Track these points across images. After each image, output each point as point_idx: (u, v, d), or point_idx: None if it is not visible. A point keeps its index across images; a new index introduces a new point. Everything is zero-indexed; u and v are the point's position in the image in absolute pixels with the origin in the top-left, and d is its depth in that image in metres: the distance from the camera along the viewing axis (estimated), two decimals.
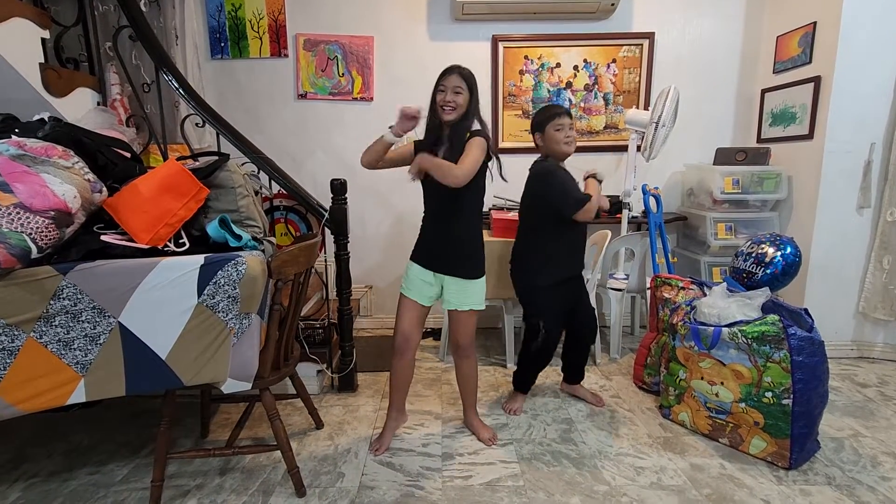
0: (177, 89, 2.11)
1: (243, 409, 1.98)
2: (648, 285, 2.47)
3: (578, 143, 3.12)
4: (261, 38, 3.04)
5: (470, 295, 1.81)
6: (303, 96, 3.10)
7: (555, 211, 1.94)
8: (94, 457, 1.85)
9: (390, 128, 1.71)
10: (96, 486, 1.68)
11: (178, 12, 2.70)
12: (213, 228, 1.47)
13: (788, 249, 2.08)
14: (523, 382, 2.20)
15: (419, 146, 1.80)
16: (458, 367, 1.93)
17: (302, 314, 2.32)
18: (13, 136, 1.41)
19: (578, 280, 2.14)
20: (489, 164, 1.74)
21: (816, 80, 2.56)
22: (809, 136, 2.62)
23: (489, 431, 1.95)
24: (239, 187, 1.62)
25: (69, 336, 1.32)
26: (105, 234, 1.44)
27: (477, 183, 1.70)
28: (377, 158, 1.78)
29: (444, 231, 1.78)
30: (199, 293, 1.36)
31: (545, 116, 2.00)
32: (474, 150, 1.65)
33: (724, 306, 1.90)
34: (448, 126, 1.72)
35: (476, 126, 1.74)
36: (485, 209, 2.93)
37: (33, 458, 1.85)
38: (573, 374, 2.28)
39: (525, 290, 2.11)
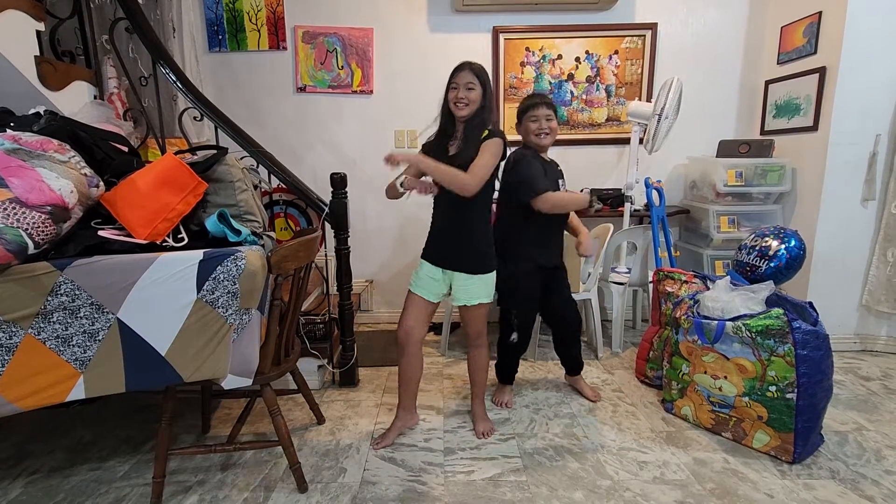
0: (174, 83, 2.08)
1: (244, 404, 1.98)
2: (651, 279, 2.45)
3: (581, 136, 3.15)
4: (259, 31, 3.00)
5: (479, 289, 1.79)
6: (302, 89, 3.08)
7: (518, 198, 1.93)
8: (95, 453, 1.85)
9: (401, 185, 1.65)
10: (98, 482, 1.68)
11: (174, 4, 2.68)
12: (211, 223, 1.46)
13: (792, 242, 2.06)
14: (504, 374, 2.22)
15: (430, 146, 1.78)
16: (470, 356, 1.95)
17: (302, 309, 2.31)
18: (8, 130, 1.39)
19: (554, 273, 2.08)
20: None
21: (821, 71, 2.53)
22: (814, 127, 2.60)
23: (485, 426, 1.94)
24: (238, 181, 1.60)
25: (67, 332, 1.31)
26: (103, 229, 1.42)
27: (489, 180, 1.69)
28: (395, 197, 1.76)
29: (453, 227, 1.76)
30: (199, 288, 1.35)
31: (523, 106, 2.02)
32: (487, 156, 1.63)
33: (727, 300, 1.88)
34: (462, 122, 1.72)
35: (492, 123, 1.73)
36: None
37: (35, 455, 1.84)
38: (567, 367, 2.28)
39: (499, 278, 2.07)
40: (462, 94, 1.66)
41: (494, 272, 1.82)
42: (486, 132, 1.69)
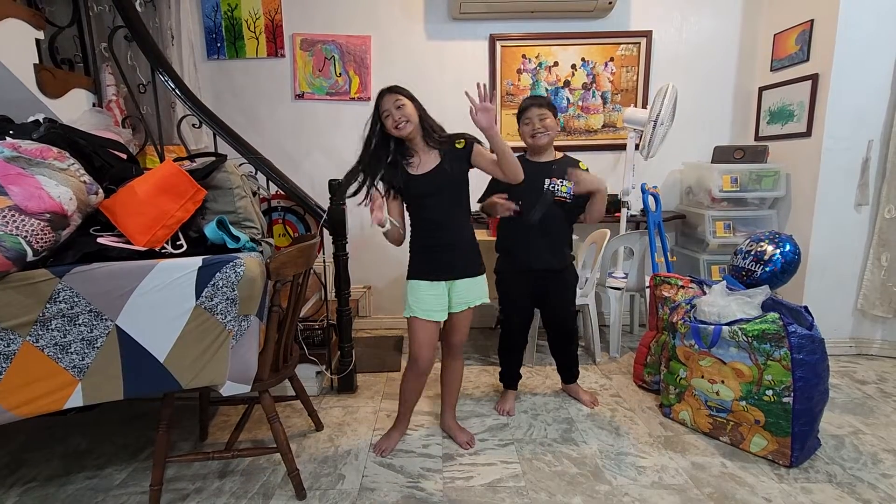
0: (173, 90, 2.09)
1: (242, 411, 1.97)
2: (648, 284, 2.46)
3: (577, 143, 3.17)
4: (257, 38, 3.02)
5: (482, 287, 1.83)
6: (300, 96, 3.09)
7: None
8: (91, 460, 1.84)
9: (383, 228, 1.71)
10: (94, 490, 1.67)
11: (173, 12, 2.69)
12: (210, 230, 1.46)
13: (787, 247, 2.08)
14: (502, 374, 2.23)
15: (367, 174, 1.76)
16: (450, 367, 1.91)
17: (301, 315, 2.31)
18: (8, 138, 1.40)
19: (551, 276, 2.05)
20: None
21: (814, 78, 2.56)
22: (807, 133, 2.62)
23: (467, 435, 1.93)
24: (237, 188, 1.61)
25: (66, 340, 1.31)
26: (101, 236, 1.42)
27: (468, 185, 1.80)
28: (399, 236, 1.81)
29: (456, 238, 1.77)
30: (198, 295, 1.35)
31: (518, 111, 2.04)
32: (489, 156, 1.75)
33: (723, 304, 1.89)
34: (409, 139, 1.72)
35: (441, 130, 1.77)
36: None
37: (31, 462, 1.83)
38: (561, 375, 2.29)
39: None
40: (398, 116, 1.66)
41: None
42: (462, 142, 1.74)
